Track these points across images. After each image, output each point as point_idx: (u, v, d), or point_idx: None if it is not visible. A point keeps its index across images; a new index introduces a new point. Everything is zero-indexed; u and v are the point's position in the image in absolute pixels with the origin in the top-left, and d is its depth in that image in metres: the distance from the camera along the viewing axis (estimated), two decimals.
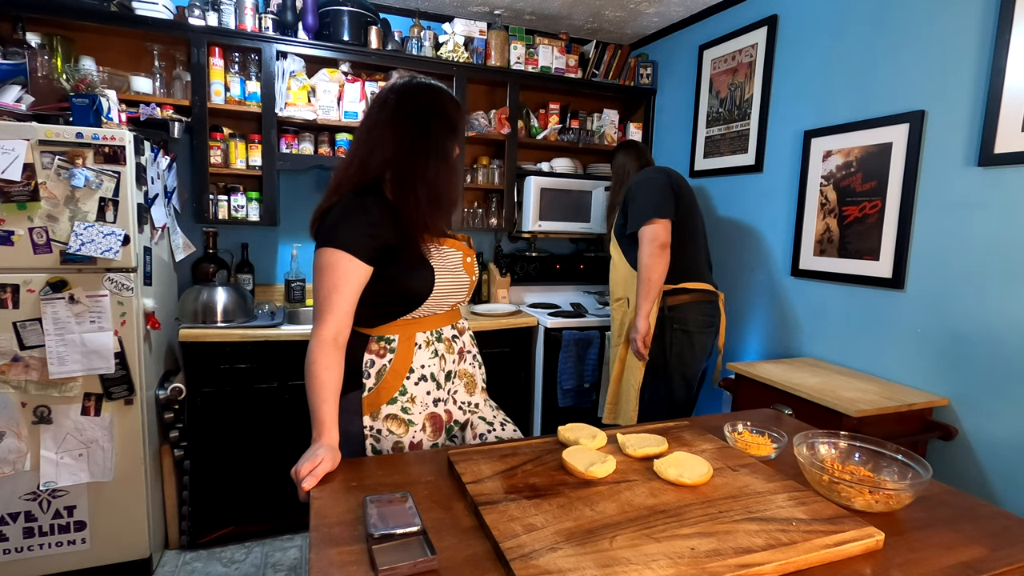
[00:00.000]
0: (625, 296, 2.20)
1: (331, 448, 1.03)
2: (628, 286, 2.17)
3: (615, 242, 2.25)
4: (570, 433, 1.13)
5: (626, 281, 2.19)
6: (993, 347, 1.64)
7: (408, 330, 1.20)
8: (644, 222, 2.02)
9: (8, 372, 1.75)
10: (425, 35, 2.71)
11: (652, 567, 0.72)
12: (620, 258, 2.21)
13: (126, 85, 2.25)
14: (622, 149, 2.41)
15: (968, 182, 1.70)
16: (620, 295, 2.23)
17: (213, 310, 2.21)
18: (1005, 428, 1.62)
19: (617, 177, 2.36)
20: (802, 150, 2.23)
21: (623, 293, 2.21)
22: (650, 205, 2.03)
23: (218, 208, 2.46)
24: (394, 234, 1.14)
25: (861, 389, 1.78)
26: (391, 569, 0.72)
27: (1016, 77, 1.57)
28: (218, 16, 2.34)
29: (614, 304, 2.28)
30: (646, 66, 3.12)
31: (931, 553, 0.82)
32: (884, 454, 1.03)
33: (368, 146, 1.18)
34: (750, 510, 0.88)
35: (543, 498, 0.90)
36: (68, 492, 1.86)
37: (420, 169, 1.16)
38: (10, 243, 1.71)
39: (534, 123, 3.03)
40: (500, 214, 2.99)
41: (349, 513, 0.87)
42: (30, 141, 1.68)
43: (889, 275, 1.90)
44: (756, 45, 2.45)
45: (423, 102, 1.20)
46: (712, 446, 1.13)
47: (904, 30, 1.88)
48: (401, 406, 1.18)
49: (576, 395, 2.71)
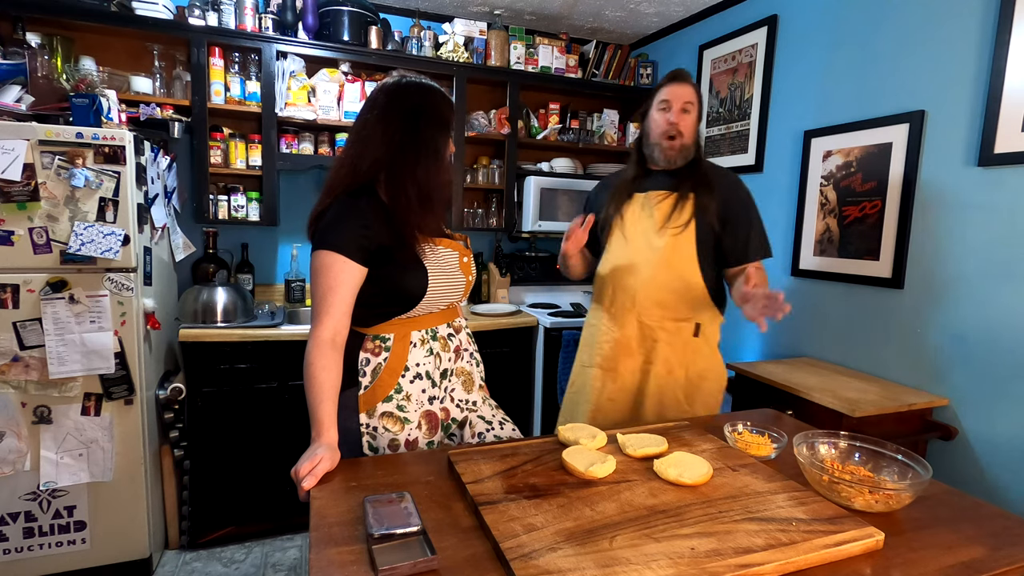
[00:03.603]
0: (692, 318, 1.65)
1: (330, 448, 1.03)
2: (699, 307, 1.65)
3: (693, 256, 1.61)
4: (570, 433, 1.13)
5: (696, 302, 1.64)
6: (993, 347, 1.64)
7: (403, 329, 1.20)
8: (770, 254, 1.66)
9: (8, 372, 1.75)
10: (425, 35, 2.71)
11: (652, 567, 0.72)
12: (695, 274, 1.61)
13: (126, 85, 2.25)
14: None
15: (968, 182, 1.70)
16: (686, 315, 1.65)
17: (213, 310, 2.21)
18: (1005, 428, 1.62)
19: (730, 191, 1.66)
20: (802, 150, 2.23)
21: (690, 314, 1.65)
22: (767, 236, 1.68)
23: (218, 208, 2.46)
24: (388, 235, 1.14)
25: (861, 389, 1.78)
26: (391, 569, 0.72)
27: (1016, 77, 1.57)
28: (218, 16, 2.34)
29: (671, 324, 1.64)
30: (646, 66, 3.12)
31: (931, 553, 0.82)
32: (884, 454, 1.03)
33: (359, 147, 1.19)
34: (750, 510, 0.88)
35: (543, 498, 0.90)
36: (68, 492, 1.86)
37: (410, 169, 1.16)
38: (10, 243, 1.71)
39: (534, 123, 3.03)
40: (500, 214, 2.98)
41: (349, 513, 0.87)
42: (30, 141, 1.68)
43: (889, 275, 1.90)
44: (756, 45, 2.45)
45: (412, 101, 1.19)
46: (712, 446, 1.13)
47: (904, 30, 1.88)
48: (397, 404, 1.19)
49: None
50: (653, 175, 1.69)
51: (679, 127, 1.59)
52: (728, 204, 1.61)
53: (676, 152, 1.62)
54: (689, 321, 1.65)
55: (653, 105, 1.65)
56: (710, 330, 1.68)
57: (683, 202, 1.62)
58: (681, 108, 1.59)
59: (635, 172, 1.72)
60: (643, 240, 1.65)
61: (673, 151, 1.61)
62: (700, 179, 1.63)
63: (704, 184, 1.62)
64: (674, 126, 1.59)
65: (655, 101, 1.64)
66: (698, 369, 1.65)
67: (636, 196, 1.68)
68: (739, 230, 1.61)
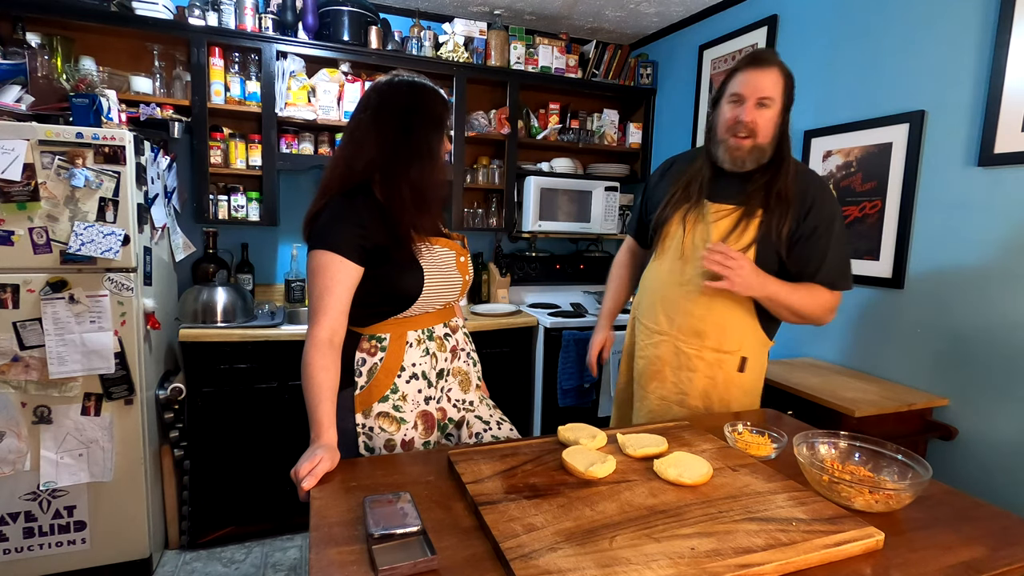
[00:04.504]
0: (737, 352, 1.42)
1: (330, 448, 1.03)
2: (746, 339, 1.42)
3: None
4: (570, 433, 1.13)
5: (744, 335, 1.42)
6: (993, 347, 1.64)
7: (399, 329, 1.20)
8: (844, 286, 1.40)
9: (8, 372, 1.75)
10: (425, 35, 2.71)
11: (652, 567, 0.72)
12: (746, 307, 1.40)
13: (126, 85, 2.25)
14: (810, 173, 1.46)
15: (968, 182, 1.70)
16: (730, 348, 1.41)
17: (213, 310, 2.21)
18: (1005, 428, 1.62)
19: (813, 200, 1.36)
20: (802, 150, 2.23)
21: (734, 347, 1.41)
22: (850, 269, 1.42)
23: (218, 208, 2.46)
24: (384, 234, 1.14)
25: (861, 389, 1.78)
26: (391, 569, 0.72)
27: (1016, 77, 1.57)
28: (218, 16, 2.34)
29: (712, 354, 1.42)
30: (646, 66, 3.12)
31: (931, 553, 0.82)
32: (884, 454, 1.03)
33: (352, 147, 1.19)
34: (750, 510, 0.87)
35: (543, 498, 0.90)
36: (68, 492, 1.86)
37: (403, 168, 1.16)
38: (10, 243, 1.71)
39: (534, 123, 3.03)
40: (500, 214, 2.98)
41: (349, 513, 0.87)
42: (30, 141, 1.68)
43: (889, 275, 1.90)
44: (756, 45, 2.45)
45: (405, 100, 1.19)
46: (712, 446, 1.13)
47: (904, 30, 1.88)
48: (393, 404, 1.18)
49: (576, 395, 2.70)
50: (725, 178, 1.39)
51: (752, 125, 1.29)
52: (803, 223, 1.31)
53: (745, 153, 1.32)
54: (733, 355, 1.41)
55: (724, 95, 1.35)
56: (757, 364, 1.45)
57: (747, 220, 1.33)
58: (757, 102, 1.28)
59: (708, 172, 1.41)
60: (692, 257, 1.39)
61: (741, 152, 1.32)
62: (777, 192, 1.32)
63: (780, 198, 1.32)
64: (745, 125, 1.29)
65: (727, 91, 1.34)
66: (739, 407, 1.46)
67: (701, 202, 1.41)
68: (811, 254, 1.32)
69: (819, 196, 1.34)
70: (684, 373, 1.45)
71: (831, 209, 1.34)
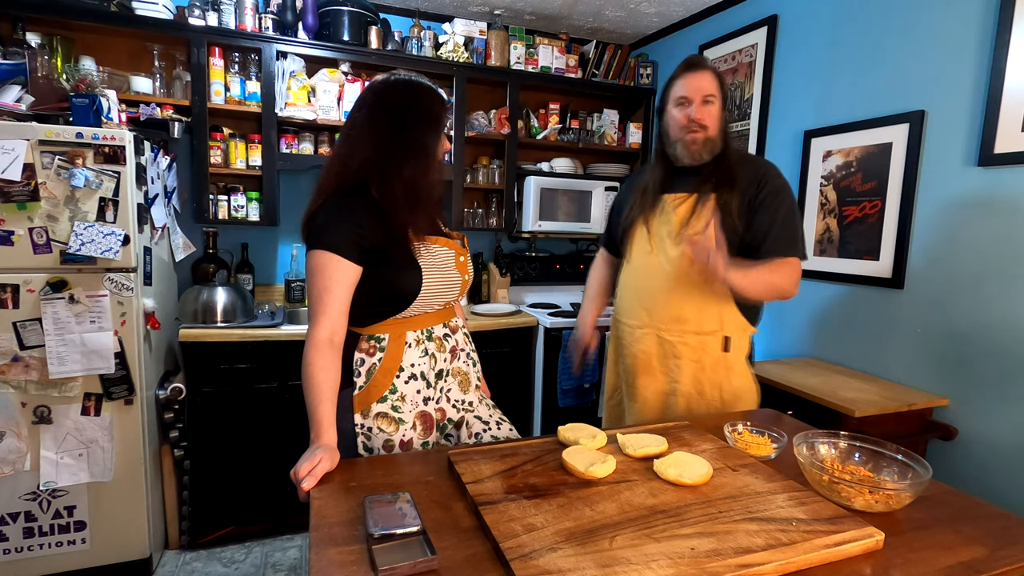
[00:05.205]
0: (718, 331, 1.47)
1: (329, 448, 1.03)
2: (726, 319, 1.47)
3: None
4: (570, 433, 1.13)
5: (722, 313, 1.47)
6: (993, 347, 1.64)
7: (398, 329, 1.20)
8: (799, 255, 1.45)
9: (8, 372, 1.75)
10: (425, 35, 2.71)
11: (652, 567, 0.72)
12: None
13: (126, 85, 2.25)
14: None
15: (968, 182, 1.70)
16: (711, 328, 1.48)
17: (213, 310, 2.21)
18: (1005, 428, 1.62)
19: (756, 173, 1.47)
20: (802, 150, 2.23)
21: (715, 327, 1.47)
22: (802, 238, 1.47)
23: (218, 208, 2.46)
24: (381, 234, 1.14)
25: (861, 389, 1.78)
26: (391, 569, 0.72)
27: (1016, 77, 1.57)
28: (218, 16, 2.34)
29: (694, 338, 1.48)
30: (646, 66, 3.12)
31: (931, 553, 0.82)
32: (884, 454, 1.03)
33: (348, 147, 1.18)
34: (750, 510, 0.87)
35: (543, 498, 0.90)
36: (68, 492, 1.86)
37: (398, 168, 1.16)
38: (10, 243, 1.71)
39: (534, 123, 3.03)
40: (500, 214, 2.98)
41: (349, 513, 0.87)
42: (30, 141, 1.68)
43: (889, 275, 1.90)
44: (756, 45, 2.45)
45: (401, 99, 1.19)
46: (712, 446, 1.13)
47: (904, 30, 1.88)
48: (391, 404, 1.18)
49: (576, 395, 2.71)
50: (679, 175, 1.52)
51: (702, 121, 1.43)
52: (752, 197, 1.42)
53: (701, 145, 1.45)
54: (715, 335, 1.46)
55: (670, 100, 1.49)
56: (740, 343, 1.49)
57: (703, 204, 1.44)
58: (702, 100, 1.43)
59: (660, 173, 1.55)
60: (659, 249, 1.50)
61: (697, 145, 1.45)
62: (723, 174, 1.45)
63: (727, 179, 1.44)
64: (696, 122, 1.43)
65: (671, 96, 1.48)
66: (733, 389, 1.49)
67: (659, 199, 1.52)
68: (760, 223, 1.41)
69: (768, 172, 1.46)
70: (671, 361, 1.51)
71: (778, 183, 1.45)
